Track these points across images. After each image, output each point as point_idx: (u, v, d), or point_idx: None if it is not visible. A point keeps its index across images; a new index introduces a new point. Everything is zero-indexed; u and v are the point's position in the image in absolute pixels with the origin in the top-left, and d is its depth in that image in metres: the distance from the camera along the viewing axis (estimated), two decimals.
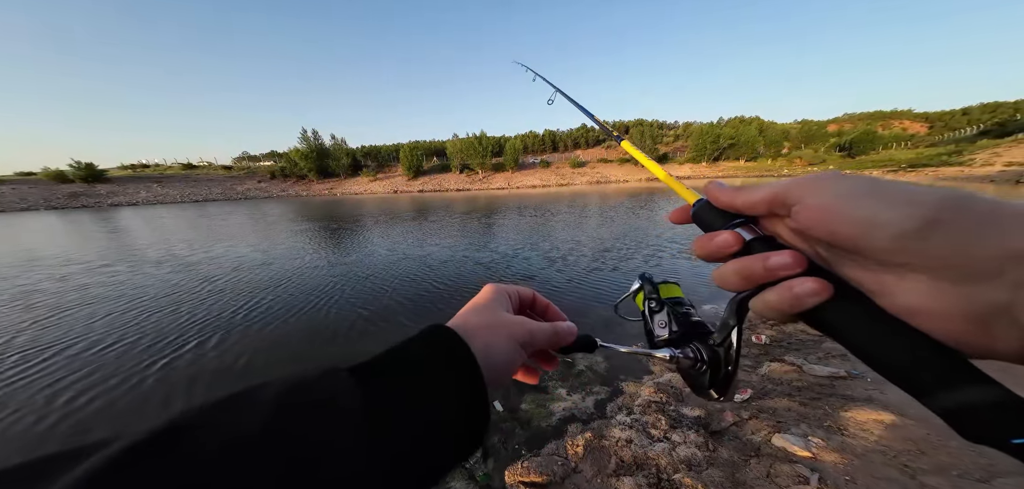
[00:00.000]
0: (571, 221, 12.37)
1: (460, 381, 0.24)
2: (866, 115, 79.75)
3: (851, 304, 0.21)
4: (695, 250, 0.28)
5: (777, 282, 0.23)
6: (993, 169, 28.92)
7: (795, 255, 0.23)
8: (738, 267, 0.25)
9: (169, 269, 7.52)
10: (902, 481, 1.52)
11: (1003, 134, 42.32)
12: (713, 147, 51.42)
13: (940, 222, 0.17)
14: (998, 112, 59.10)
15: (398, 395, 0.22)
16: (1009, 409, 0.17)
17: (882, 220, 0.19)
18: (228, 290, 5.89)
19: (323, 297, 5.32)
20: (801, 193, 0.22)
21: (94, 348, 4.00)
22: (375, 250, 8.73)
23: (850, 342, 0.22)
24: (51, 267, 8.15)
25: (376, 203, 26.18)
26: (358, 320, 4.50)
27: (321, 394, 0.20)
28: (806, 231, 0.23)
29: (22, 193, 37.82)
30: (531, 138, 65.28)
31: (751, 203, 0.25)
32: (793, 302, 0.22)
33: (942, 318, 0.18)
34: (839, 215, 0.20)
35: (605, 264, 6.68)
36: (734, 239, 0.25)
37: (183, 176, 54.90)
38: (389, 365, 0.23)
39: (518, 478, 1.93)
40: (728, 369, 0.30)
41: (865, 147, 52.05)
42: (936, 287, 0.18)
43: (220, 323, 4.54)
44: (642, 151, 0.48)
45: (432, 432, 0.22)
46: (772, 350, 3.19)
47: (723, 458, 1.85)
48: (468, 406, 0.24)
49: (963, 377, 0.18)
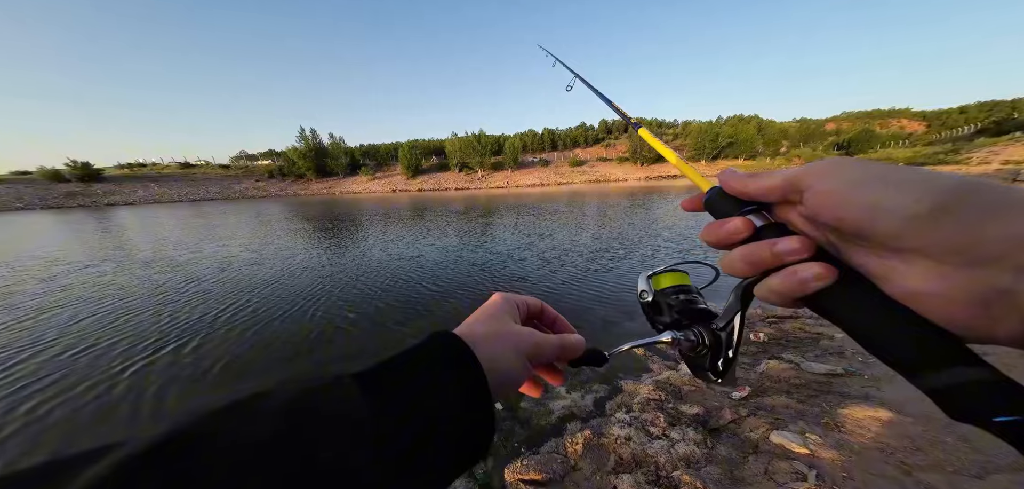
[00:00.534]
0: (569, 221, 12.37)
1: (466, 390, 0.24)
2: (864, 114, 79.92)
3: (853, 289, 0.22)
4: (704, 237, 0.28)
5: (783, 267, 0.23)
6: (990, 168, 29.09)
7: (803, 240, 0.23)
8: (745, 253, 0.25)
9: (156, 269, 7.45)
10: (899, 478, 1.53)
11: (1000, 132, 42.60)
12: (712, 146, 51.55)
13: (949, 208, 0.17)
14: (995, 111, 59.35)
15: (403, 403, 0.22)
16: (995, 388, 0.17)
17: (890, 205, 0.19)
18: (214, 291, 5.80)
19: (309, 300, 5.22)
20: (812, 179, 0.23)
21: (67, 352, 3.88)
22: (367, 250, 8.67)
23: (850, 326, 0.22)
24: (37, 267, 8.07)
25: (374, 203, 26.14)
26: (344, 325, 4.38)
27: (329, 404, 0.20)
28: (815, 216, 0.23)
29: (18, 192, 37.56)
30: (530, 137, 65.18)
31: (765, 189, 0.25)
32: (797, 286, 0.22)
33: (944, 302, 0.18)
34: (847, 200, 0.21)
35: (603, 263, 6.68)
36: (744, 225, 0.25)
37: (180, 175, 54.65)
38: (394, 372, 0.23)
39: (518, 476, 1.94)
40: (729, 354, 0.30)
41: (863, 146, 52.26)
42: (940, 271, 0.18)
43: (201, 326, 4.44)
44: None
45: (437, 441, 0.22)
46: (770, 348, 3.20)
47: (721, 455, 1.86)
48: (473, 415, 0.24)
49: (955, 358, 0.18)
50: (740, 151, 52.28)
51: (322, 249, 9.11)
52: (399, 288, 5.70)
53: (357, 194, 40.79)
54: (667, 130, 70.76)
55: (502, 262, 7.13)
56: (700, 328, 0.33)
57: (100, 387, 3.23)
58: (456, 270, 6.65)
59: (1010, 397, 0.17)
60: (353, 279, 6.25)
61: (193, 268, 7.42)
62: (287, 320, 4.57)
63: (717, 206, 0.29)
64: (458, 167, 54.28)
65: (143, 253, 9.28)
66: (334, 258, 7.98)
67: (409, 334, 4.09)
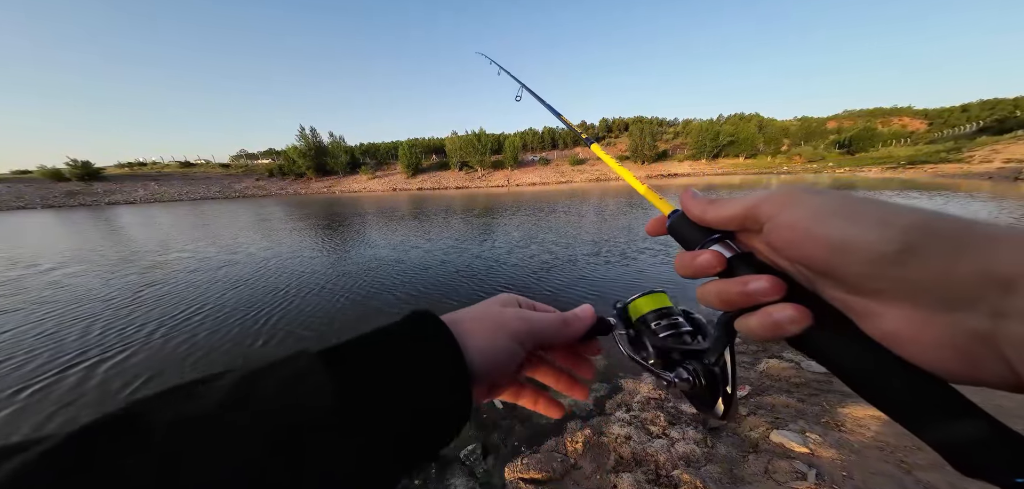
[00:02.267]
0: (570, 220, 12.36)
1: (441, 368, 0.22)
2: (866, 112, 79.71)
3: (834, 330, 0.21)
4: (678, 268, 0.27)
5: (759, 306, 0.22)
6: (991, 166, 28.99)
7: (772, 280, 0.22)
8: (718, 290, 0.24)
9: (123, 271, 7.14)
10: (898, 476, 1.53)
11: (1002, 131, 42.44)
12: (713, 144, 51.40)
13: (915, 248, 0.17)
14: (997, 109, 59.14)
15: (368, 374, 0.20)
16: (1008, 447, 0.16)
17: (854, 244, 0.18)
18: (169, 296, 5.46)
19: (264, 311, 4.71)
20: (771, 210, 0.22)
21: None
22: (355, 251, 8.46)
23: (835, 368, 0.21)
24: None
25: (373, 202, 26.08)
26: (298, 340, 4.00)
27: (286, 372, 0.19)
28: (779, 252, 0.22)
29: (18, 191, 37.60)
30: (531, 135, 65.08)
31: (723, 219, 0.24)
32: (773, 329, 0.21)
33: (925, 346, 0.17)
34: (811, 237, 0.20)
35: (602, 259, 6.69)
36: (715, 259, 0.24)
37: (181, 174, 54.65)
38: (358, 345, 0.22)
39: (518, 475, 1.94)
40: (726, 389, 0.28)
41: (864, 144, 52.06)
42: (917, 314, 0.17)
43: (137, 338, 4.04)
44: (615, 154, 0.45)
45: (405, 413, 0.20)
46: (770, 347, 3.20)
47: (721, 454, 1.86)
48: (453, 398, 0.22)
49: (950, 410, 0.18)
50: (741, 150, 52.12)
51: (305, 250, 8.95)
52: (380, 296, 5.49)
53: (357, 193, 40.76)
54: (667, 128, 70.64)
55: (499, 262, 7.07)
56: (694, 364, 0.30)
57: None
58: (441, 273, 6.43)
59: (1020, 455, 0.16)
60: (317, 289, 5.63)
61: (158, 272, 7.00)
62: (233, 333, 4.11)
63: (681, 232, 0.28)
64: (458, 166, 54.23)
65: (115, 253, 9.05)
66: (313, 262, 7.80)
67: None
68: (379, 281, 6.03)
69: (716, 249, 0.25)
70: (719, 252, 0.24)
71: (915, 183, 22.38)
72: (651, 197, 0.35)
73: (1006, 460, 0.16)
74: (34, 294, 5.97)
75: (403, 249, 8.45)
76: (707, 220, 0.25)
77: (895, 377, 0.18)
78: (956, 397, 0.18)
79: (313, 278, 6.29)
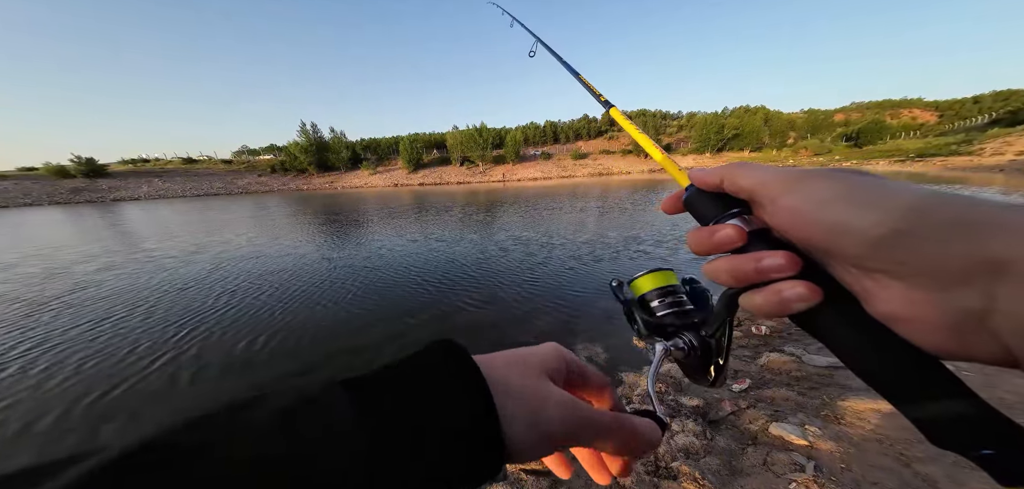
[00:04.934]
0: (571, 218, 12.31)
1: (464, 392, 0.20)
2: (874, 104, 78.10)
3: (837, 309, 0.21)
4: (693, 246, 0.25)
5: (768, 283, 0.22)
6: (1003, 159, 28.38)
7: (789, 256, 0.22)
8: (730, 266, 0.24)
9: (85, 270, 6.94)
10: (897, 469, 1.54)
11: (1015, 122, 41.40)
12: (717, 138, 50.74)
13: (906, 230, 0.17)
14: (1011, 100, 57.71)
15: (391, 406, 0.19)
16: (980, 421, 0.17)
17: (852, 227, 0.18)
18: (106, 300, 5.13)
19: (204, 322, 4.30)
20: (775, 191, 0.22)
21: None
22: (344, 251, 8.35)
23: (834, 346, 0.21)
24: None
25: (375, 197, 26.11)
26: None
27: (322, 411, 0.18)
28: (783, 232, 0.22)
29: (25, 188, 38.05)
30: (532, 130, 64.54)
31: (742, 188, 0.24)
32: (779, 306, 0.21)
33: (921, 325, 0.18)
34: (810, 220, 0.20)
35: (599, 256, 6.67)
36: (737, 234, 0.23)
37: (183, 171, 54.91)
38: (391, 383, 0.20)
39: (518, 466, 1.97)
40: (719, 361, 0.29)
41: (872, 137, 51.14)
42: (910, 295, 0.18)
43: (56, 355, 3.58)
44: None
45: (431, 447, 0.18)
46: (771, 341, 3.20)
47: (720, 447, 1.88)
48: (472, 421, 0.19)
49: (940, 388, 0.18)
50: (746, 143, 51.41)
51: (285, 247, 8.98)
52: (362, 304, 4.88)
53: (359, 188, 40.78)
54: (671, 122, 69.75)
55: (495, 263, 7.00)
56: (690, 335, 0.31)
57: None
58: (429, 274, 6.25)
59: (993, 429, 0.17)
60: (273, 304, 5.05)
61: (109, 274, 6.59)
62: (167, 358, 3.52)
63: (698, 207, 0.27)
64: (459, 161, 54.03)
65: (85, 249, 9.06)
66: (292, 262, 7.71)
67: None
68: (408, 276, 5.96)
69: (735, 223, 0.24)
70: (740, 226, 0.24)
71: (924, 177, 22.08)
72: (668, 165, 0.34)
73: (977, 434, 0.17)
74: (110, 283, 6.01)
75: (426, 244, 8.40)
76: (725, 188, 0.25)
77: (888, 353, 0.19)
78: (947, 375, 0.18)
79: (376, 273, 6.12)
